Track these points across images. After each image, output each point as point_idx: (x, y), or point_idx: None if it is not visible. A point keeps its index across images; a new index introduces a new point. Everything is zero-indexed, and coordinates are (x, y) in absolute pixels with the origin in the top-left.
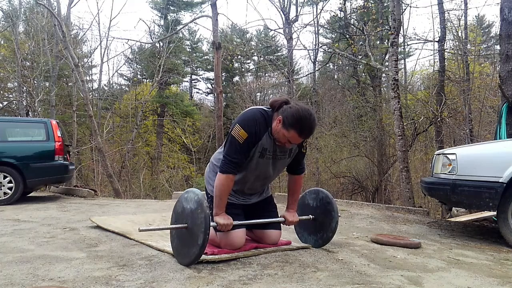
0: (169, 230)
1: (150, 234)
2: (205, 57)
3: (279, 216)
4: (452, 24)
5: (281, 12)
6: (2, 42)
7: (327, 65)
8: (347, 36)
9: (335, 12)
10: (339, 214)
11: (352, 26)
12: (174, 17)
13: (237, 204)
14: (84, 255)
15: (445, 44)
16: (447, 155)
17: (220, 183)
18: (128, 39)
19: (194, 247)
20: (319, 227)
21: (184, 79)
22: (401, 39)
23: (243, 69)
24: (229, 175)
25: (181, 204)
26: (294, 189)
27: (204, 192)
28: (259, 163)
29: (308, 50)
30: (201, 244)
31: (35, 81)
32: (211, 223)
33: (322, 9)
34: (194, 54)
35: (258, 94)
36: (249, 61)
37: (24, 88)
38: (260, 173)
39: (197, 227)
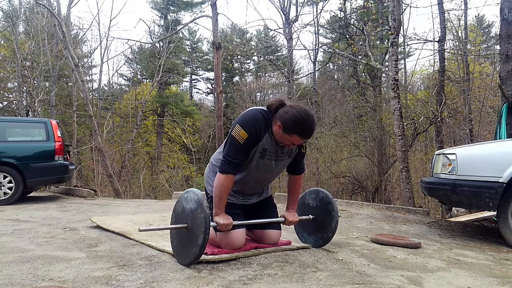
0: (169, 230)
1: (150, 234)
2: (205, 57)
3: (279, 216)
4: (452, 24)
5: (281, 12)
6: (2, 42)
7: (327, 65)
8: (347, 36)
9: (335, 12)
10: (339, 214)
11: (352, 26)
12: (174, 17)
13: (237, 204)
14: (84, 255)
15: (445, 44)
16: (447, 155)
17: (220, 183)
18: (128, 39)
19: (194, 247)
20: (319, 227)
21: (184, 79)
22: (401, 39)
23: (243, 69)
24: (229, 175)
25: (181, 204)
26: (294, 189)
27: (204, 192)
28: (259, 163)
29: (308, 50)
30: (201, 244)
31: (35, 81)
32: (211, 223)
33: (322, 9)
34: (194, 54)
35: (258, 94)
36: (249, 61)
37: (24, 88)
38: (260, 173)
39: (197, 227)
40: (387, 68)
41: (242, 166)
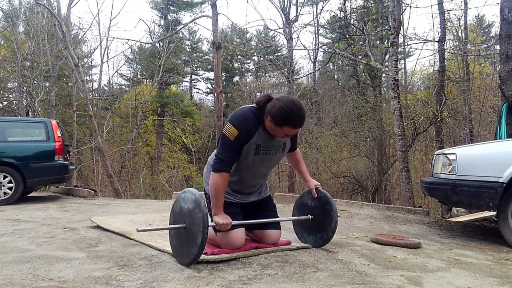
0: (168, 230)
1: (150, 234)
2: (205, 57)
3: (304, 192)
4: (452, 24)
5: (281, 12)
6: (2, 42)
7: (327, 65)
8: (347, 36)
9: (335, 12)
10: (338, 214)
11: (352, 26)
12: (174, 17)
13: (235, 203)
14: (84, 255)
15: (445, 44)
16: (447, 155)
17: (215, 182)
18: (128, 39)
19: (193, 247)
20: (318, 227)
21: (184, 79)
22: (401, 39)
23: (243, 69)
24: (223, 173)
25: (178, 204)
26: (298, 159)
27: (203, 192)
28: (255, 160)
29: (308, 50)
30: (200, 243)
31: (35, 81)
32: (210, 223)
33: (322, 9)
34: (194, 54)
35: (258, 94)
36: (249, 61)
37: (24, 88)
38: (257, 170)
39: (196, 227)
40: (387, 68)
41: (234, 164)
